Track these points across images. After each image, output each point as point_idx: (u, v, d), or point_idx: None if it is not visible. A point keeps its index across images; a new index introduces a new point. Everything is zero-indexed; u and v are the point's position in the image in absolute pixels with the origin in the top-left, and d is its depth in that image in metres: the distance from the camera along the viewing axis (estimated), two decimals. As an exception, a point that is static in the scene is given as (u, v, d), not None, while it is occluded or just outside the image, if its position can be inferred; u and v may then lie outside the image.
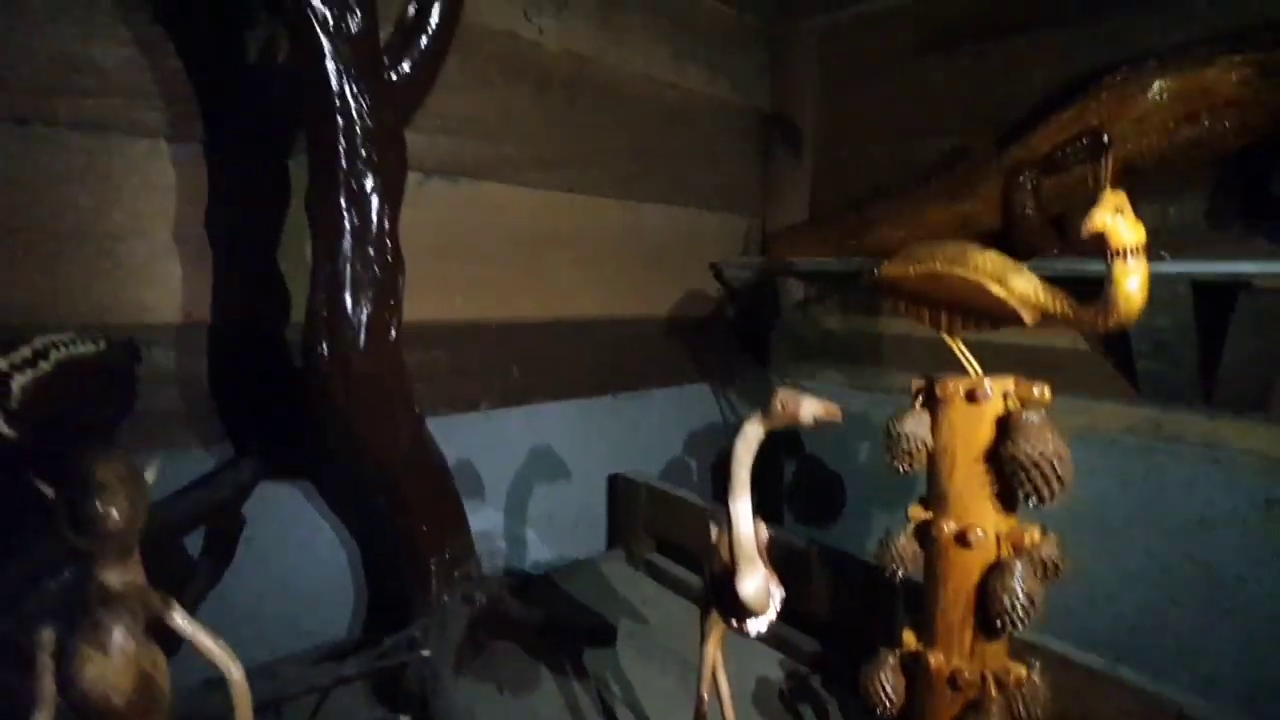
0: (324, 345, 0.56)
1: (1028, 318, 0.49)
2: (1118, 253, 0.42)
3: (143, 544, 0.70)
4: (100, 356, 0.54)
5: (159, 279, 0.79)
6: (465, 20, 0.99)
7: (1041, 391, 0.52)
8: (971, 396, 0.53)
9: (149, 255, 0.78)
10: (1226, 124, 0.82)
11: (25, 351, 0.48)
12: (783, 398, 0.43)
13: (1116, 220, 0.42)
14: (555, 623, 0.84)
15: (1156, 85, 0.85)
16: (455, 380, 1.07)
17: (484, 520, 1.09)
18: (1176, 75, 0.84)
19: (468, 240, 1.05)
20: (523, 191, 1.12)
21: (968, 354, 0.56)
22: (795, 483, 1.34)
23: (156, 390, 0.79)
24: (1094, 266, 0.83)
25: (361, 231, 0.55)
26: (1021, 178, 0.98)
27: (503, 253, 1.11)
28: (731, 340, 1.47)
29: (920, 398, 0.56)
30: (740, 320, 1.46)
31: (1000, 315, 0.51)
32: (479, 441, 1.09)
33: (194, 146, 0.80)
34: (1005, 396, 0.53)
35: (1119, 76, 0.89)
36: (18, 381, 0.47)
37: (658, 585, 1.12)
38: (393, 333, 0.60)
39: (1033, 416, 0.50)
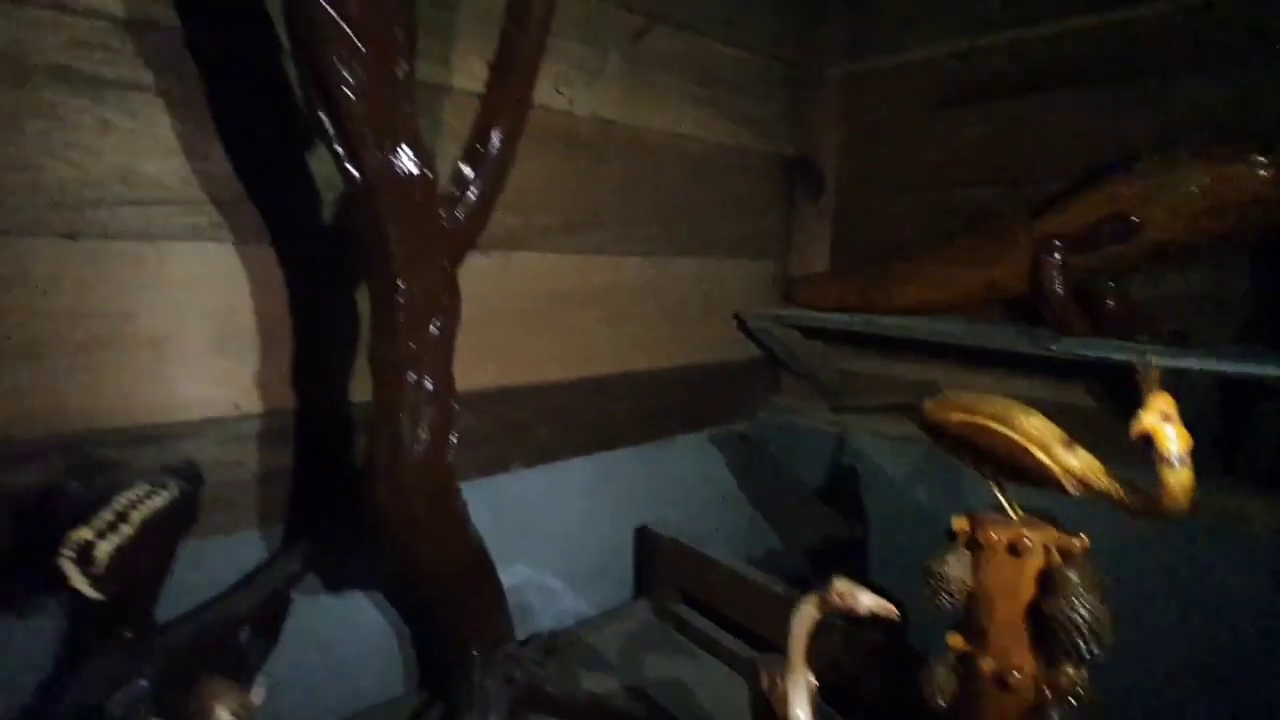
0: (386, 491, 0.58)
1: (1071, 489, 0.51)
2: (1164, 458, 0.44)
3: (209, 641, 0.74)
4: (174, 504, 0.56)
5: (208, 375, 0.81)
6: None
7: (1083, 544, 0.54)
8: (1013, 550, 0.55)
9: (198, 353, 0.80)
10: (1255, 220, 0.83)
11: (108, 515, 0.50)
12: (840, 589, 0.45)
13: (1164, 426, 0.44)
14: (597, 704, 0.87)
15: (1187, 176, 0.86)
16: (486, 445, 1.09)
17: (513, 576, 1.12)
18: (1207, 169, 0.84)
19: (499, 309, 1.07)
20: (551, 257, 1.13)
21: (1010, 502, 0.58)
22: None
23: (209, 480, 0.82)
24: (1121, 355, 0.86)
25: (421, 380, 0.57)
26: (1051, 253, 0.99)
27: (532, 317, 1.12)
28: (753, 381, 1.49)
29: (961, 538, 0.58)
30: (761, 363, 1.47)
31: (1042, 479, 0.52)
32: (507, 500, 1.12)
33: (243, 247, 0.81)
34: (1046, 550, 0.55)
35: (1150, 164, 0.90)
36: (102, 549, 0.49)
37: (686, 639, 1.15)
38: (449, 457, 0.62)
39: (1073, 575, 0.52)
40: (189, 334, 0.80)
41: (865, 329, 1.16)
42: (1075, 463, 0.50)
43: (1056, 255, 0.99)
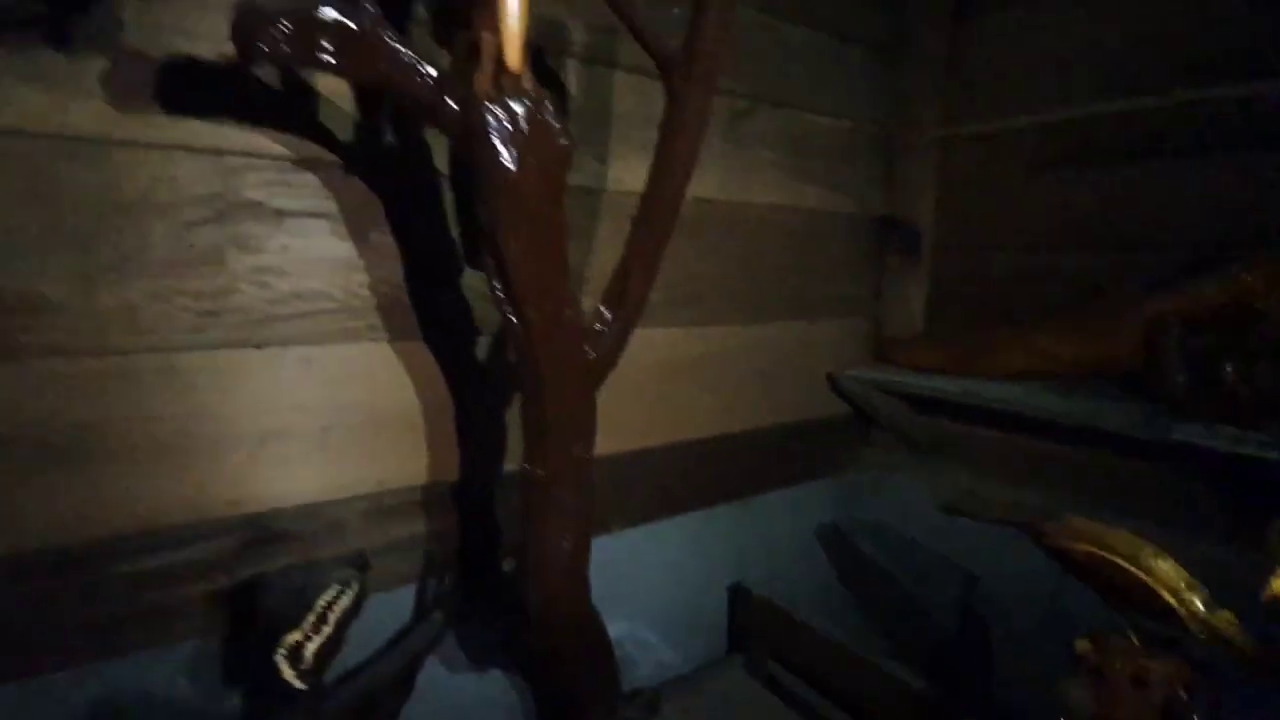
0: (534, 593, 0.65)
1: (1202, 636, 0.52)
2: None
3: (367, 701, 0.83)
4: (357, 599, 0.64)
5: (363, 456, 0.91)
6: (607, 186, 1.09)
7: (1211, 681, 0.55)
8: (1138, 682, 0.56)
9: (354, 437, 0.91)
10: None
11: (311, 619, 0.59)
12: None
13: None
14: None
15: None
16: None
17: (614, 630, 1.18)
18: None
19: (607, 385, 1.14)
20: (656, 331, 1.19)
21: (1133, 635, 0.59)
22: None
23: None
24: (1246, 449, 0.84)
25: (565, 496, 0.64)
26: (1168, 335, 0.97)
27: (635, 388, 1.19)
28: (844, 437, 1.50)
29: (1086, 663, 0.60)
30: (853, 419, 1.49)
31: (1165, 617, 0.54)
32: (608, 559, 1.17)
33: (395, 344, 0.92)
34: (1171, 682, 0.56)
35: (1273, 258, 0.88)
36: (309, 649, 0.58)
37: (778, 700, 1.19)
38: (587, 562, 0.69)
39: (1198, 712, 0.53)
40: (346, 421, 0.90)
41: (965, 399, 1.17)
42: (1208, 612, 0.51)
43: (1174, 335, 0.97)
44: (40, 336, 0.71)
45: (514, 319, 0.59)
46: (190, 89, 0.75)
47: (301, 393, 0.87)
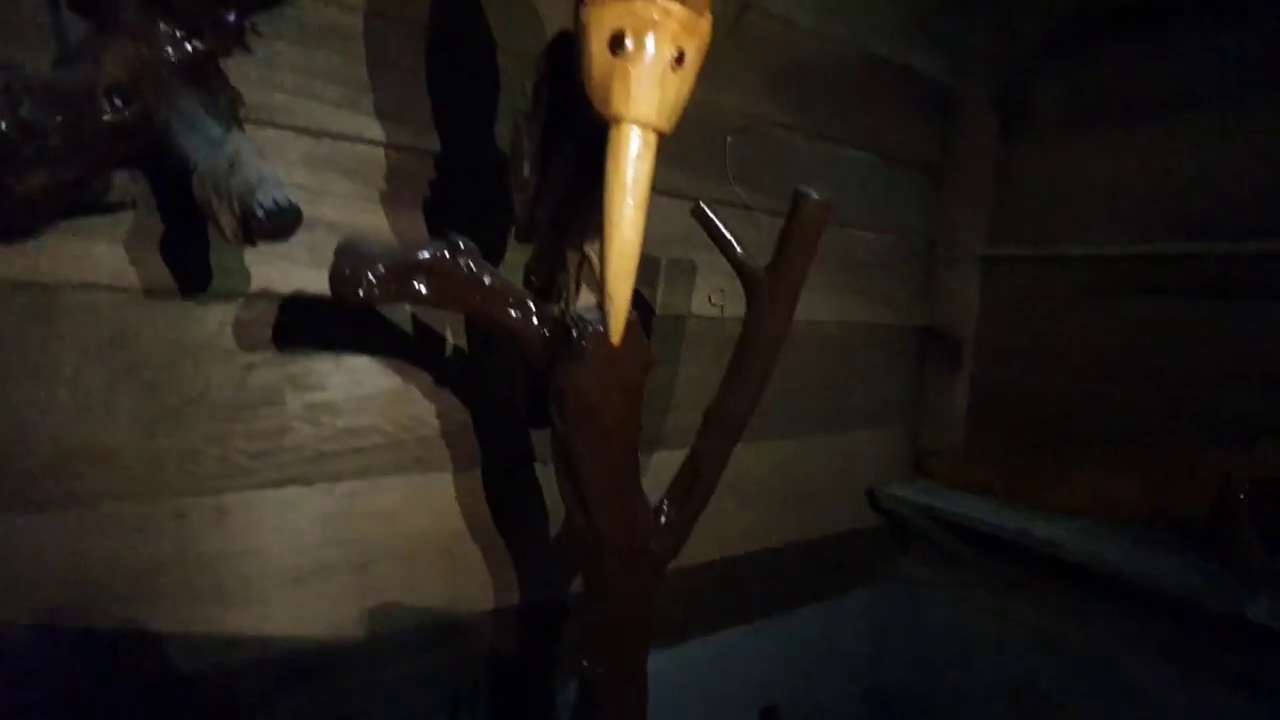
0: None
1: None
2: None
3: None
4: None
5: (409, 584, 0.90)
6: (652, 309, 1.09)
7: None
8: None
9: (404, 568, 0.90)
10: None
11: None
12: None
13: None
14: None
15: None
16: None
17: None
18: None
19: (646, 508, 1.13)
20: (694, 451, 1.18)
21: None
22: None
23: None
24: None
25: (623, 683, 0.62)
26: (1241, 500, 0.93)
27: (673, 508, 1.17)
28: (879, 549, 1.46)
29: None
30: (888, 531, 1.45)
31: None
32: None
33: (441, 474, 0.92)
34: None
35: None
36: None
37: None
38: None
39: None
40: (388, 554, 0.89)
41: (1019, 539, 1.13)
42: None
43: (1240, 496, 0.93)
44: (100, 484, 0.72)
45: (581, 519, 0.58)
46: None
47: (346, 527, 0.86)
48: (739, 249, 0.62)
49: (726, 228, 0.62)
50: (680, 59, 0.43)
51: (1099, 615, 1.09)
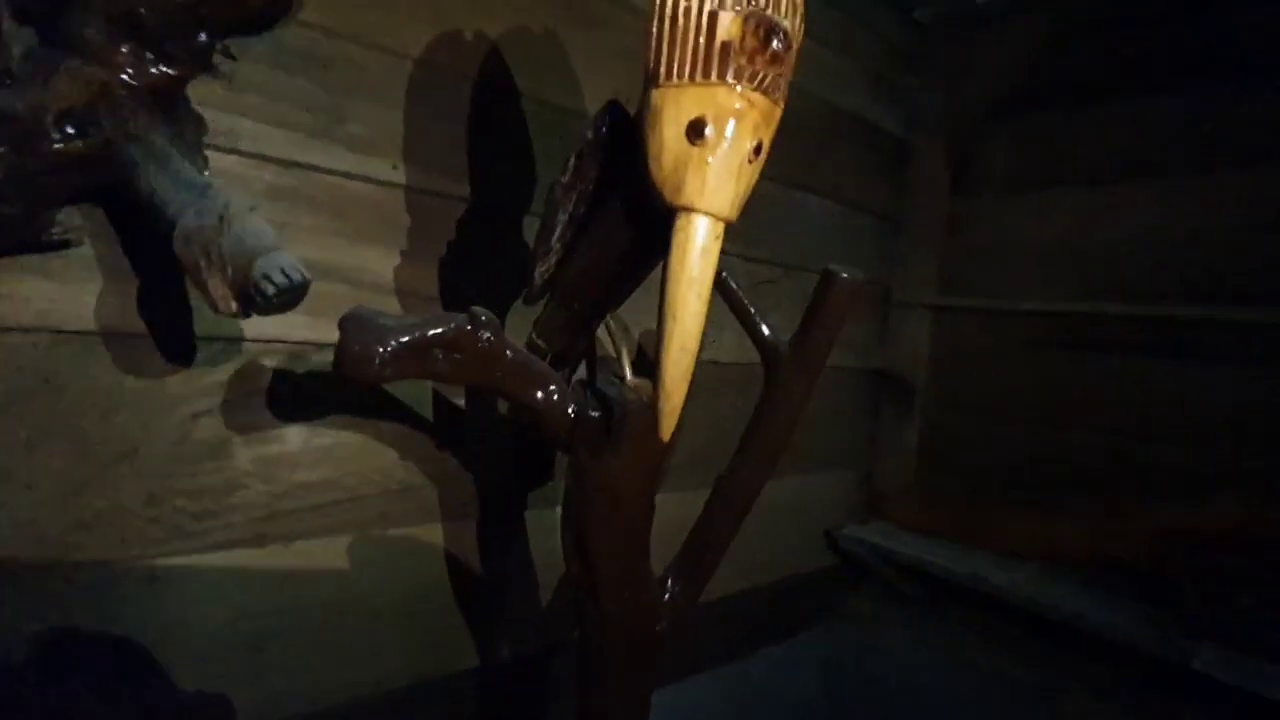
0: None
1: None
2: None
3: None
4: None
5: (374, 643, 0.83)
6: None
7: None
8: None
9: (366, 624, 0.82)
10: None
11: None
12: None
13: None
14: None
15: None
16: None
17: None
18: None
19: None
20: (662, 498, 1.15)
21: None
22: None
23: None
24: (1256, 683, 0.85)
25: None
26: (1184, 555, 1.00)
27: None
28: (833, 589, 1.48)
29: None
30: (842, 570, 1.47)
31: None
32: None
33: (407, 529, 0.84)
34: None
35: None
36: None
37: None
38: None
39: None
40: (350, 616, 0.81)
41: (974, 585, 1.17)
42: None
43: (1179, 556, 1.00)
44: (17, 551, 0.61)
45: (592, 608, 0.54)
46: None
47: (303, 590, 0.78)
48: (761, 322, 0.60)
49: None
50: (758, 150, 0.41)
51: (1048, 658, 1.14)
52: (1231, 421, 1.08)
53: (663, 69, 0.39)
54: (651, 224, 0.43)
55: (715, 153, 0.39)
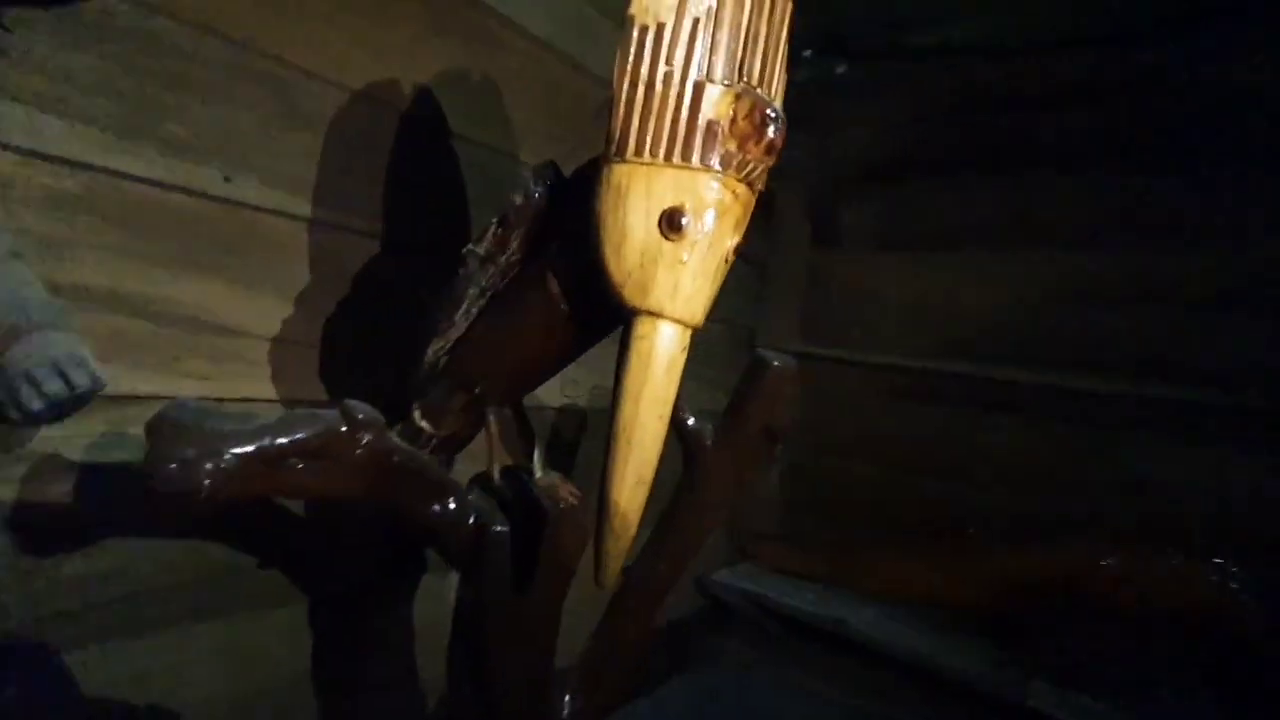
0: None
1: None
2: None
3: None
4: None
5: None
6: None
7: None
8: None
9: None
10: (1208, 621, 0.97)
11: None
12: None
13: None
14: None
15: (1130, 567, 1.00)
16: None
17: None
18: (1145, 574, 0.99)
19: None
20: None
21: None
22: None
23: None
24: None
25: None
26: (1011, 595, 1.09)
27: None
28: (700, 633, 1.46)
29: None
30: (709, 613, 1.46)
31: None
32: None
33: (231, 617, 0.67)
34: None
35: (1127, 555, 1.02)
36: None
37: None
38: None
39: None
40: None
41: (834, 627, 1.20)
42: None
43: (1017, 593, 1.09)
44: None
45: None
46: None
47: (95, 701, 0.59)
48: (683, 407, 0.54)
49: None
50: (738, 249, 0.35)
51: (905, 698, 1.19)
52: (1055, 473, 1.20)
53: (632, 141, 0.31)
54: (589, 311, 0.36)
55: (693, 251, 0.32)
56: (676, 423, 0.55)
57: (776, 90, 0.34)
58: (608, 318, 0.39)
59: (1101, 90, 1.23)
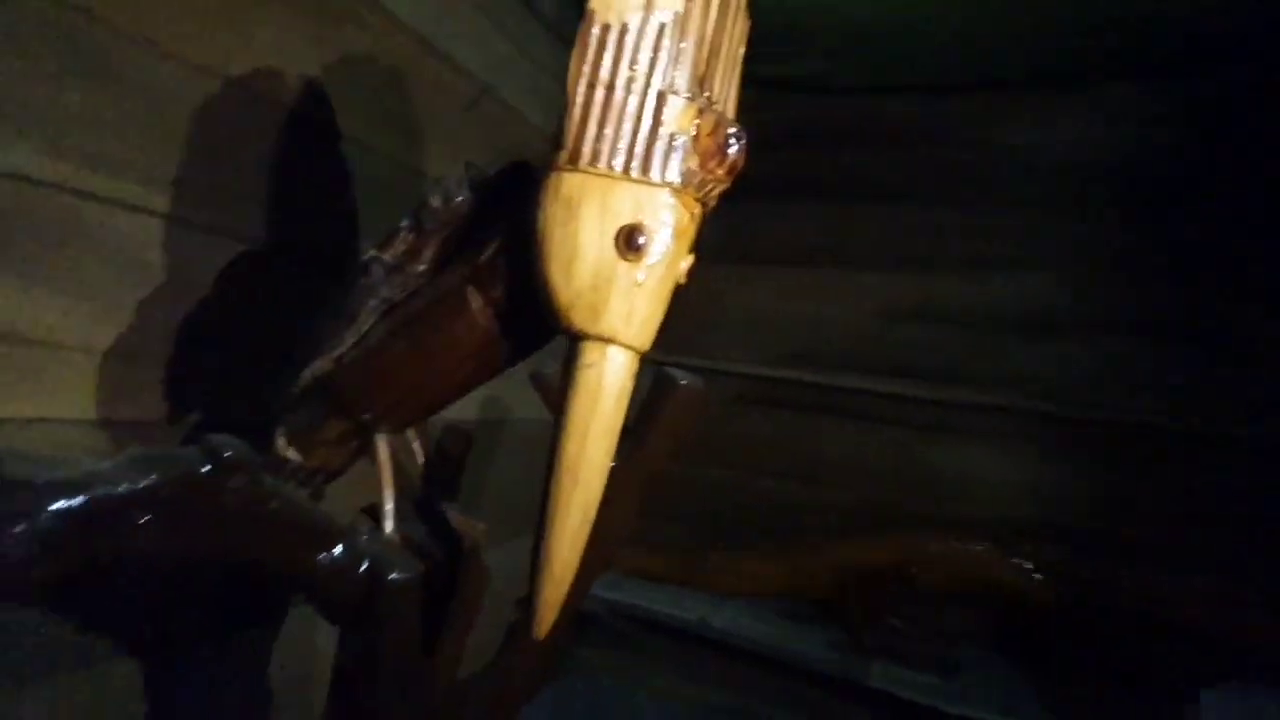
0: None
1: None
2: None
3: None
4: None
5: None
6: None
7: None
8: None
9: None
10: (1001, 595, 1.12)
11: None
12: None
13: None
14: None
15: (944, 553, 1.14)
16: None
17: None
18: (956, 559, 1.13)
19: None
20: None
21: None
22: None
23: None
24: (917, 692, 1.05)
25: None
26: (850, 584, 1.19)
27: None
28: (564, 643, 1.43)
29: None
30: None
31: None
32: None
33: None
34: None
35: (944, 543, 1.15)
36: None
37: None
38: None
39: None
40: None
41: (690, 627, 1.23)
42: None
43: (851, 587, 1.19)
44: None
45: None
46: None
47: None
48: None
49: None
50: (690, 272, 0.33)
51: (753, 687, 1.25)
52: (881, 471, 1.34)
53: (587, 149, 0.28)
54: (517, 332, 0.32)
55: (650, 273, 0.30)
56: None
57: (732, 109, 0.32)
58: (535, 339, 0.35)
59: (914, 135, 1.40)
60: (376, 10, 0.77)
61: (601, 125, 0.28)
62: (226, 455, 0.32)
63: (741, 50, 0.31)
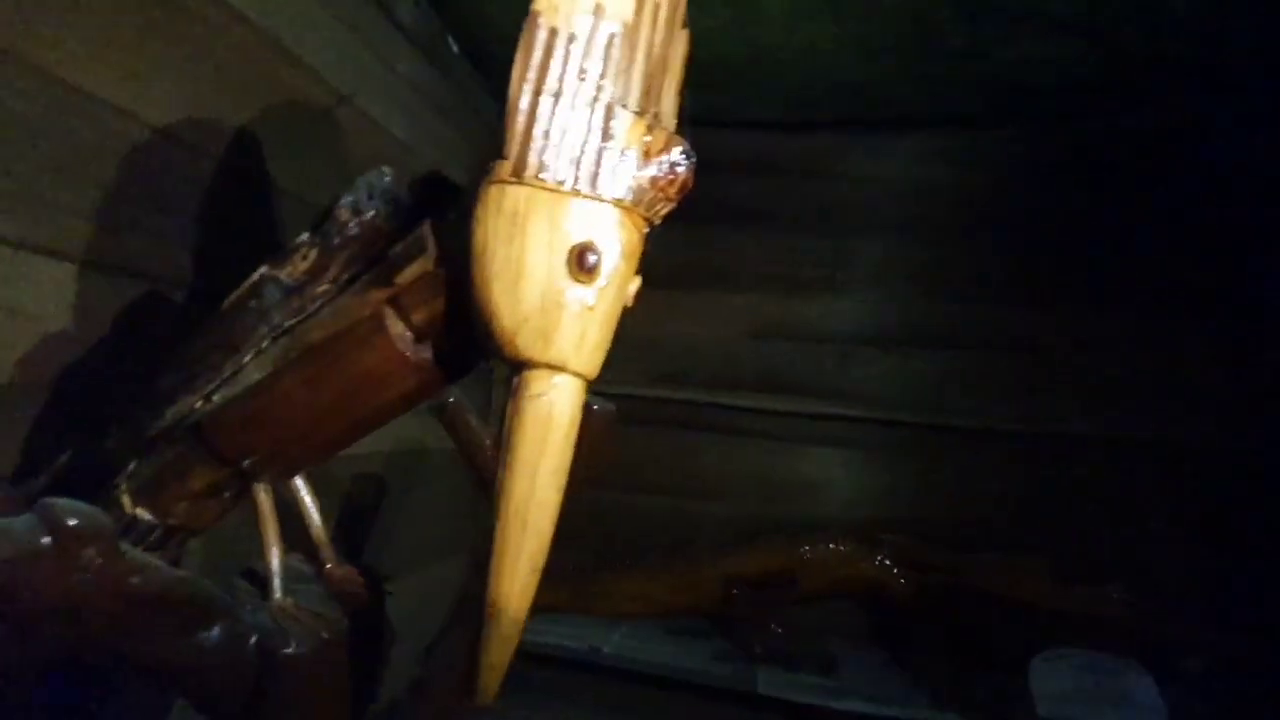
0: None
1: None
2: None
3: None
4: None
5: None
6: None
7: None
8: None
9: None
10: (873, 593, 1.20)
11: None
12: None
13: None
14: None
15: (819, 555, 1.20)
16: None
17: None
18: (836, 557, 1.20)
19: None
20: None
21: None
22: None
23: None
24: (816, 701, 1.10)
25: None
26: (736, 592, 1.22)
27: None
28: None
29: None
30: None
31: None
32: None
33: None
34: None
35: (820, 545, 1.21)
36: None
37: None
38: None
39: None
40: None
41: (591, 657, 1.20)
42: None
43: (739, 594, 1.22)
44: None
45: None
46: None
47: None
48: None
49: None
50: (638, 295, 0.31)
51: (654, 708, 1.24)
52: (754, 481, 1.40)
53: (532, 159, 0.25)
54: (441, 360, 0.28)
55: (603, 296, 0.28)
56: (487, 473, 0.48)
57: (673, 127, 0.31)
58: (459, 369, 0.31)
59: (772, 166, 1.49)
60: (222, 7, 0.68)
61: (549, 136, 0.26)
62: (72, 524, 0.25)
63: (682, 68, 0.31)
